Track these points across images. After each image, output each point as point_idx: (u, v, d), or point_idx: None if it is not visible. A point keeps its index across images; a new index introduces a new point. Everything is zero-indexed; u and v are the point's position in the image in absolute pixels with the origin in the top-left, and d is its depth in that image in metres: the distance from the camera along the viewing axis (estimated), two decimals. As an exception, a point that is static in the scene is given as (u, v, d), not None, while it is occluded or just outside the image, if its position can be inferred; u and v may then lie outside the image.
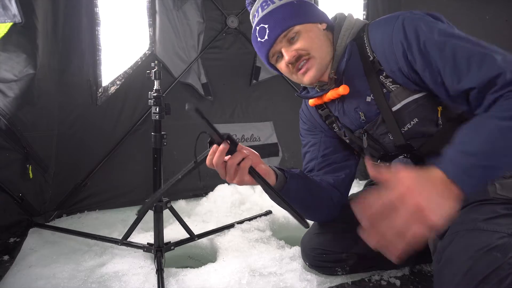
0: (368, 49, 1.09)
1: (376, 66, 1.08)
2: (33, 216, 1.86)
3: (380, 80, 1.08)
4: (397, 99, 1.07)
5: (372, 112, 1.14)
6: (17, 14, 1.64)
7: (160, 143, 1.51)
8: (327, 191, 1.27)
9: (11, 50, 1.70)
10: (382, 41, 1.05)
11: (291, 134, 2.81)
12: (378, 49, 1.06)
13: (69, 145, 2.07)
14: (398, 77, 1.04)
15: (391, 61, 1.03)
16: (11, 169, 1.75)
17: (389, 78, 1.07)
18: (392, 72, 1.05)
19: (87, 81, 2.11)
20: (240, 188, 2.43)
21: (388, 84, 1.07)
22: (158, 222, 1.49)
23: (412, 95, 1.05)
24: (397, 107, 1.08)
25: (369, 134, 1.18)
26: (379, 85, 1.08)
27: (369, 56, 1.09)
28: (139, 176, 2.25)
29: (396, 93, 1.07)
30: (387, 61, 1.04)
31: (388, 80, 1.07)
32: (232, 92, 2.68)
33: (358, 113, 1.17)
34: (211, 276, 1.33)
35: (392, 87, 1.07)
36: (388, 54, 1.03)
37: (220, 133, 0.92)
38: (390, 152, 1.18)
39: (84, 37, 2.06)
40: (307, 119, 1.41)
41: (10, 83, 1.69)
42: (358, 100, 1.15)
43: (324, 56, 1.13)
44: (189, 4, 2.42)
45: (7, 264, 1.46)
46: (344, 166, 1.33)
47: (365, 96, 1.13)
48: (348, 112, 1.19)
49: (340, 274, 1.32)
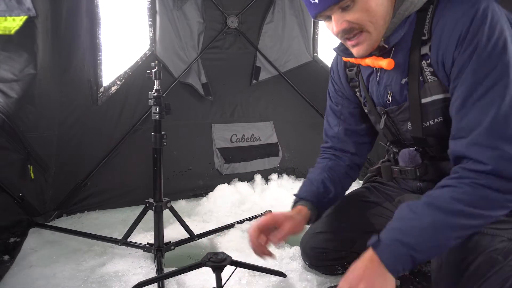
0: (427, 26, 0.96)
1: (425, 49, 0.98)
2: (33, 216, 1.86)
3: (421, 65, 1.00)
4: (429, 92, 1.01)
5: (401, 96, 1.08)
6: (31, 8, 1.65)
7: (160, 143, 1.50)
8: (347, 178, 1.33)
9: (11, 49, 1.70)
10: (445, 22, 0.92)
11: (291, 134, 2.82)
12: (437, 30, 0.94)
13: (70, 145, 2.07)
14: (439, 69, 0.96)
15: (441, 50, 0.93)
16: (12, 169, 1.75)
17: (430, 67, 0.98)
18: (436, 63, 0.96)
19: (87, 81, 2.11)
20: (240, 188, 2.43)
21: (427, 73, 1.00)
22: (158, 222, 1.49)
23: (445, 93, 0.98)
24: (427, 100, 1.02)
25: (389, 116, 1.14)
26: (418, 70, 1.00)
27: (424, 34, 0.97)
28: (139, 176, 2.25)
29: (431, 85, 1.00)
30: (438, 48, 0.94)
31: (429, 69, 0.99)
32: (232, 92, 2.68)
33: (387, 91, 1.11)
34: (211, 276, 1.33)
35: (429, 78, 1.00)
36: (443, 40, 0.92)
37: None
38: (403, 141, 1.17)
39: (84, 37, 2.06)
40: (335, 79, 1.34)
41: (11, 83, 1.69)
42: (392, 79, 1.08)
43: (380, 30, 0.98)
44: (189, 4, 2.42)
45: (7, 264, 1.46)
46: (365, 133, 1.33)
47: (401, 78, 1.05)
48: (379, 85, 1.13)
49: (340, 273, 1.32)
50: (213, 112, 2.63)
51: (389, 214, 1.29)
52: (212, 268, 1.11)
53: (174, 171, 2.43)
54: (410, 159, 1.15)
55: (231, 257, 1.14)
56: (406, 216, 0.91)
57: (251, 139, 2.72)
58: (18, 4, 1.64)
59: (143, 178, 2.21)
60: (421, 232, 0.86)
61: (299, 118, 2.84)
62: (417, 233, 0.86)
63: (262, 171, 2.67)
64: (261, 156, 2.71)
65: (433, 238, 0.86)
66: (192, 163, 2.50)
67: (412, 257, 0.85)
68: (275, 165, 2.75)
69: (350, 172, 1.33)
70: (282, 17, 2.71)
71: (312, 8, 0.98)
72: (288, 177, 2.69)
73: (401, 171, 1.19)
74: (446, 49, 0.92)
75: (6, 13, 1.63)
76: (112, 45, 2.20)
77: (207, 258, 1.12)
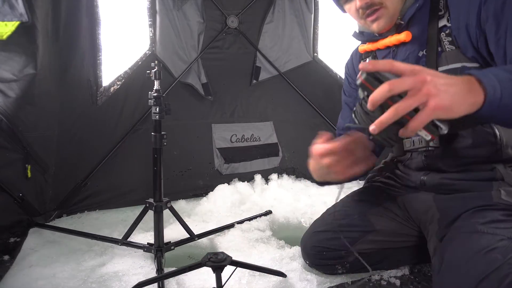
0: (442, 3, 1.04)
1: (442, 22, 1.03)
2: (33, 216, 1.86)
3: (440, 37, 1.03)
4: (446, 60, 1.02)
5: None
6: (24, 13, 1.65)
7: (160, 143, 1.50)
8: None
9: (11, 49, 1.70)
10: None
11: (291, 134, 2.82)
12: (454, 2, 1.01)
13: (70, 145, 2.07)
14: (461, 35, 0.99)
15: (462, 15, 0.98)
16: (12, 169, 1.75)
17: (449, 37, 1.02)
18: (457, 29, 0.99)
19: (87, 81, 2.11)
20: (240, 188, 2.43)
21: (445, 42, 1.02)
22: (158, 222, 1.49)
23: (463, 62, 1.00)
24: (444, 68, 1.02)
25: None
26: (436, 41, 1.03)
27: (440, 9, 1.04)
28: (139, 176, 2.25)
29: (449, 54, 1.02)
30: (458, 14, 0.99)
31: (447, 40, 1.02)
32: (232, 92, 2.68)
33: None
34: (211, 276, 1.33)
35: (447, 47, 1.02)
36: (462, 6, 0.98)
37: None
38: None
39: (84, 37, 2.06)
40: (350, 72, 1.37)
41: (10, 83, 1.69)
42: (410, 52, 1.10)
43: (396, 5, 1.07)
44: (189, 4, 2.43)
45: (7, 264, 1.46)
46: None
47: (418, 50, 1.08)
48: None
49: (340, 272, 1.32)
50: (213, 112, 2.63)
51: (390, 214, 1.30)
52: (212, 268, 1.11)
53: (174, 171, 2.43)
54: (419, 139, 1.14)
55: (231, 257, 1.14)
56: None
57: (251, 139, 2.72)
58: (11, 9, 1.64)
59: (143, 178, 2.21)
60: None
61: (299, 118, 2.84)
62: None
63: (262, 171, 2.67)
64: (261, 156, 2.71)
65: None
66: (192, 163, 2.50)
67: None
68: (275, 165, 2.75)
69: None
70: (282, 17, 2.71)
71: None
72: (288, 177, 2.69)
73: (414, 141, 1.16)
74: (468, 13, 0.96)
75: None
76: (112, 45, 2.21)
77: (207, 258, 1.12)
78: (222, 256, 1.13)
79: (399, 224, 1.29)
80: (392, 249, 1.30)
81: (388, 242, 1.29)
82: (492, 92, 0.72)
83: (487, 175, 1.06)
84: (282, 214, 2.02)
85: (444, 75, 0.71)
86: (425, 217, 1.19)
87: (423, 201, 1.21)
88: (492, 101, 0.71)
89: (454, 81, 0.70)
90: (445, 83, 0.68)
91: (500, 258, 0.86)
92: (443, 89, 0.67)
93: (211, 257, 1.12)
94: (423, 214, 1.20)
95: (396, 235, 1.29)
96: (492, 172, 1.05)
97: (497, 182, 1.04)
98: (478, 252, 0.89)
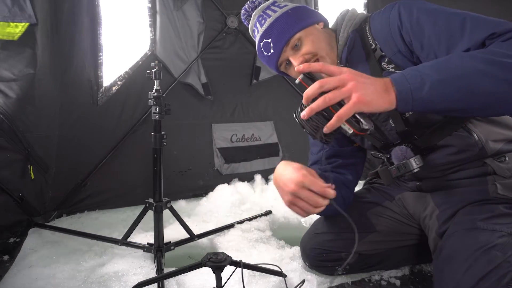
0: (370, 37, 1.12)
1: (378, 53, 1.10)
2: (33, 216, 1.86)
3: (382, 66, 1.09)
4: None
5: None
6: (32, 15, 1.69)
7: (160, 143, 1.50)
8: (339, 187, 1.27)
9: (11, 49, 1.70)
10: (382, 27, 1.08)
11: (292, 134, 2.82)
12: (379, 35, 1.09)
13: (70, 145, 2.07)
14: (399, 59, 1.06)
15: (391, 45, 1.05)
16: (11, 169, 1.75)
17: (391, 63, 1.08)
18: (394, 55, 1.06)
19: (88, 81, 2.11)
20: (240, 188, 2.43)
21: (390, 70, 1.08)
22: (158, 222, 1.49)
23: None
24: None
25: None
26: (380, 70, 1.09)
27: (371, 44, 1.11)
28: (139, 176, 2.25)
29: None
30: (387, 45, 1.07)
31: (391, 66, 1.08)
32: (233, 92, 2.68)
33: None
34: (211, 276, 1.33)
35: (392, 71, 1.07)
36: (387, 38, 1.06)
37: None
38: (391, 142, 1.18)
39: (85, 37, 2.06)
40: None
41: (9, 83, 1.69)
42: None
43: (330, 52, 1.16)
44: (189, 4, 2.42)
45: (7, 264, 1.46)
46: (350, 164, 1.33)
47: None
48: None
49: (340, 273, 1.32)
50: (213, 112, 2.63)
51: (390, 213, 1.30)
52: (212, 268, 1.11)
53: (174, 171, 2.43)
54: (402, 154, 1.16)
55: (231, 257, 1.14)
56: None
57: (251, 139, 2.72)
58: (21, 11, 1.67)
59: (143, 178, 2.21)
60: (438, 62, 0.84)
61: (299, 118, 2.84)
62: (434, 64, 0.84)
63: (262, 171, 2.67)
64: (261, 156, 2.71)
65: (452, 65, 0.82)
66: (192, 163, 2.50)
67: (422, 79, 0.80)
68: (275, 165, 2.73)
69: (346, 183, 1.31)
70: (282, 17, 2.71)
71: (272, 58, 1.19)
72: (288, 177, 2.68)
73: (399, 168, 1.18)
74: (394, 40, 1.04)
75: (9, 19, 1.66)
76: (112, 45, 2.21)
77: (207, 258, 1.12)
78: (222, 256, 1.13)
79: (399, 223, 1.29)
80: (393, 249, 1.30)
81: (389, 242, 1.29)
82: (403, 93, 0.81)
83: (479, 170, 1.08)
84: (282, 214, 2.02)
85: (367, 76, 0.83)
86: (424, 213, 1.20)
87: (420, 198, 1.23)
88: (405, 99, 0.81)
89: (373, 81, 0.82)
90: (366, 82, 0.81)
91: (499, 256, 0.86)
92: (364, 87, 0.79)
93: (211, 257, 1.12)
94: (422, 210, 1.22)
95: (397, 234, 1.29)
96: (483, 167, 1.07)
97: (491, 176, 1.06)
98: (477, 249, 0.89)
